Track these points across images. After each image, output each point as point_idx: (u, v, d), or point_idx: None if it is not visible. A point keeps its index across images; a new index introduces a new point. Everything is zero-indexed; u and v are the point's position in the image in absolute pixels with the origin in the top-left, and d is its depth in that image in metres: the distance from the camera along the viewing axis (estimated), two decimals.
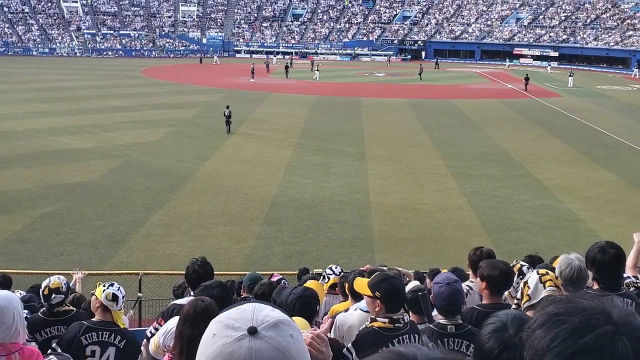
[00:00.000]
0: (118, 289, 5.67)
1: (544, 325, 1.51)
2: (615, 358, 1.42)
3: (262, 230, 19.63)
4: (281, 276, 8.25)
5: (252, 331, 1.54)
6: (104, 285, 5.74)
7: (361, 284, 4.53)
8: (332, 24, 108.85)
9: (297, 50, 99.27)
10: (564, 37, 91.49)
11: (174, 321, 4.72)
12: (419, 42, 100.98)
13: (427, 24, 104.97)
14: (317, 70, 67.82)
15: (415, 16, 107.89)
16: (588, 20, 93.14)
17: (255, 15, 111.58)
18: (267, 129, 36.76)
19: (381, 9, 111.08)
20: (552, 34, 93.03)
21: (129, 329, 9.09)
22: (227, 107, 34.70)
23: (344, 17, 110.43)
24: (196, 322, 3.68)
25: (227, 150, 30.81)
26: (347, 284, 6.35)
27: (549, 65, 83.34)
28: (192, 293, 5.75)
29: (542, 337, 1.49)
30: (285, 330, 1.59)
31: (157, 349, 4.92)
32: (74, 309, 6.42)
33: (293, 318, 1.89)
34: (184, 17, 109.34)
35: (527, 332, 1.56)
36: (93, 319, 5.65)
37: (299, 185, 24.78)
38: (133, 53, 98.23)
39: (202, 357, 1.59)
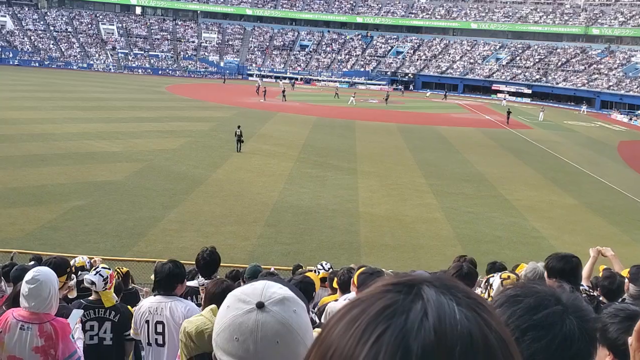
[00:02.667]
0: (96, 274, 5.67)
1: (503, 305, 1.54)
2: (563, 333, 1.47)
3: (263, 230, 19.68)
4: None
5: (260, 305, 1.57)
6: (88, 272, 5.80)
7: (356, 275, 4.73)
8: (333, 55, 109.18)
9: (301, 77, 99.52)
10: (537, 76, 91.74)
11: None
12: (409, 75, 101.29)
13: (417, 59, 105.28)
14: (353, 97, 68.04)
15: (407, 52, 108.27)
16: (559, 63, 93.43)
17: (267, 44, 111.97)
18: (272, 144, 36.86)
19: (377, 44, 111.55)
20: (527, 74, 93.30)
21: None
22: (239, 126, 33.15)
23: (345, 50, 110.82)
24: (219, 299, 3.76)
25: (236, 160, 30.88)
26: (335, 279, 6.41)
27: (504, 99, 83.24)
28: (199, 276, 5.86)
29: (500, 315, 1.51)
30: (290, 306, 1.60)
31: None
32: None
33: None
34: (205, 43, 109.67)
35: None
36: (90, 298, 5.71)
37: (297, 193, 24.85)
38: (159, 72, 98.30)
39: (217, 325, 1.63)
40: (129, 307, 5.97)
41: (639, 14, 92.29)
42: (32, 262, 8.84)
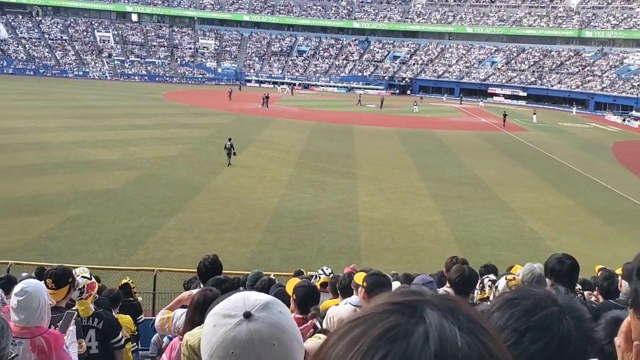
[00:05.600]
0: None
1: (501, 308, 1.56)
2: (561, 334, 1.49)
3: (263, 236, 19.66)
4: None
5: (247, 315, 1.58)
6: None
7: (359, 276, 4.73)
8: (331, 60, 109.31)
9: (300, 82, 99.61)
10: (532, 79, 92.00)
11: (182, 310, 4.81)
12: (407, 79, 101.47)
13: (414, 64, 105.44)
14: (415, 105, 68.80)
15: (404, 56, 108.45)
16: (554, 66, 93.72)
17: (265, 50, 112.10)
18: (271, 149, 36.86)
19: (375, 49, 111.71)
20: (522, 77, 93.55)
21: (144, 317, 9.11)
22: (229, 139, 30.80)
23: (342, 55, 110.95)
24: (205, 310, 3.73)
25: (236, 167, 30.84)
26: (337, 283, 6.41)
27: (482, 100, 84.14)
28: (201, 285, 5.82)
29: (499, 318, 1.54)
30: (275, 308, 1.63)
31: (162, 326, 4.96)
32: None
33: None
34: (202, 49, 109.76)
35: (487, 315, 1.64)
36: (74, 307, 5.62)
37: (297, 198, 24.84)
38: (157, 79, 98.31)
39: (206, 348, 1.61)
40: (127, 316, 5.92)
41: (630, 16, 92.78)
42: (25, 274, 8.74)
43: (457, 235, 20.84)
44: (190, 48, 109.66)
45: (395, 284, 5.93)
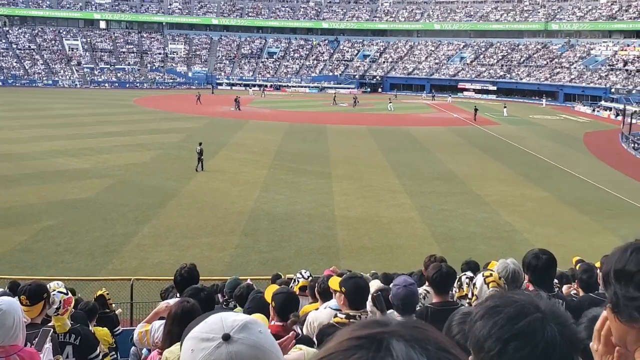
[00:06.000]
0: None
1: (484, 317, 1.53)
2: (545, 340, 1.46)
3: (240, 240, 19.50)
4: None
5: (226, 337, 1.53)
6: None
7: (334, 281, 4.59)
8: (302, 61, 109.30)
9: (271, 83, 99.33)
10: (501, 73, 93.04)
11: (160, 322, 4.68)
12: (377, 77, 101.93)
13: (384, 62, 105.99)
14: (390, 103, 68.57)
15: (374, 55, 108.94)
16: (522, 59, 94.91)
17: (235, 52, 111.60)
18: (245, 152, 36.67)
19: (344, 48, 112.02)
20: (491, 71, 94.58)
21: (121, 327, 8.92)
22: (200, 144, 30.74)
23: (312, 55, 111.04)
24: (182, 321, 3.62)
25: (211, 170, 30.60)
26: (316, 287, 6.31)
27: (450, 96, 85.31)
28: (178, 295, 5.68)
29: (482, 327, 1.52)
30: (254, 328, 1.58)
31: (142, 339, 4.84)
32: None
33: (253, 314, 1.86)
34: (172, 54, 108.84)
35: (469, 325, 1.57)
36: (50, 324, 5.46)
37: (273, 200, 24.72)
38: (127, 85, 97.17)
39: None
40: (105, 329, 5.76)
41: (595, 7, 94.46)
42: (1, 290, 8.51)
43: (434, 231, 20.92)
44: (159, 53, 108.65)
45: (375, 283, 5.84)
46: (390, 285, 5.04)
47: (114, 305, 9.78)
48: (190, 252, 18.03)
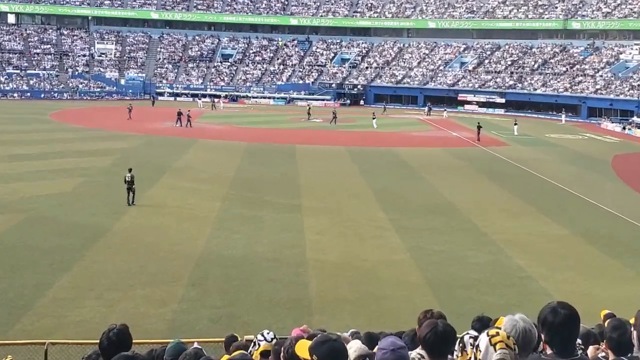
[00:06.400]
0: None
1: None
2: None
3: (186, 292, 19.29)
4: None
5: None
6: None
7: (302, 346, 4.50)
8: (265, 66, 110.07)
9: (226, 93, 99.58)
10: (511, 82, 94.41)
11: None
12: (359, 87, 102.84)
13: (367, 68, 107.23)
14: (374, 118, 68.64)
15: (354, 59, 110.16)
16: (536, 66, 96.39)
17: (181, 54, 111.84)
18: (192, 179, 36.49)
19: (318, 50, 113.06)
20: (498, 80, 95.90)
21: None
22: (130, 170, 30.10)
23: (278, 59, 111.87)
24: None
25: (149, 202, 30.35)
26: (282, 352, 6.24)
27: (445, 110, 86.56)
28: None
29: None
30: None
31: None
32: None
33: None
34: (100, 56, 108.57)
35: None
36: None
37: (228, 240, 24.58)
38: (42, 95, 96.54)
39: None
40: None
41: (625, 2, 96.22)
42: None
43: (429, 278, 20.99)
44: (84, 55, 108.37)
45: (355, 346, 5.82)
46: (375, 350, 5.03)
47: None
48: (122, 307, 17.75)
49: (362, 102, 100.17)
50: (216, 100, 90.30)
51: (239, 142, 53.07)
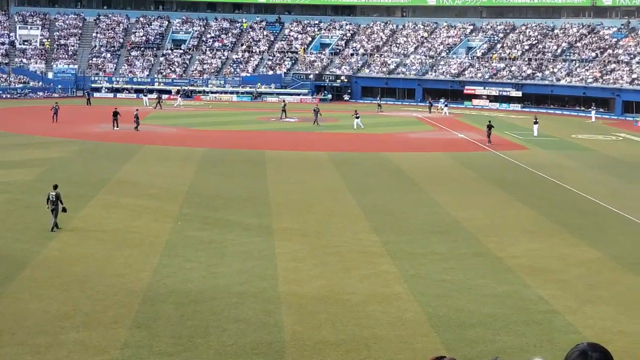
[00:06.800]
0: None
1: None
2: None
3: (129, 335, 19.20)
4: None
5: None
6: None
7: None
8: (226, 54, 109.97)
9: (178, 88, 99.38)
10: (529, 72, 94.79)
11: None
12: (342, 78, 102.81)
13: (353, 54, 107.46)
14: (357, 117, 67.32)
15: (337, 44, 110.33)
16: (559, 51, 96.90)
17: (121, 41, 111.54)
18: (137, 195, 36.34)
19: (292, 33, 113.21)
20: (513, 68, 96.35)
21: None
22: (55, 187, 29.37)
23: (242, 45, 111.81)
24: None
25: (82, 225, 30.18)
26: None
27: (444, 105, 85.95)
28: None
29: None
30: None
31: None
32: None
33: None
34: (23, 44, 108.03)
35: None
36: None
37: (181, 271, 24.49)
38: None
39: None
40: None
41: None
42: None
43: (431, 314, 21.01)
44: (2, 43, 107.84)
45: None
46: None
47: None
48: (51, 355, 17.66)
49: (346, 97, 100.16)
50: (170, 96, 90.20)
51: (194, 148, 52.92)
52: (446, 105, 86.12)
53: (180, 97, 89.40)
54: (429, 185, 40.48)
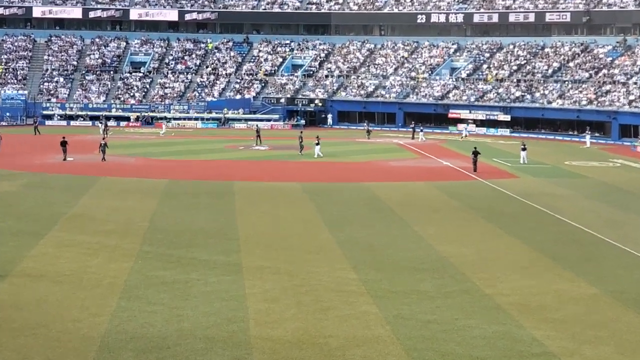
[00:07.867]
0: None
1: None
2: None
3: None
4: None
5: None
6: None
7: None
8: (189, 77, 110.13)
9: (138, 114, 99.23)
10: (518, 94, 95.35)
11: None
12: (317, 102, 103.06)
13: (328, 76, 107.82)
14: (317, 144, 67.34)
15: (310, 65, 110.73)
16: (550, 71, 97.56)
17: (75, 64, 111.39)
18: (93, 231, 36.17)
19: (261, 54, 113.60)
20: (500, 90, 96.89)
21: None
22: None
23: (207, 67, 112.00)
24: None
25: (32, 265, 29.94)
26: None
27: (421, 130, 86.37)
28: None
29: None
30: None
31: None
32: None
33: None
34: None
35: None
36: None
37: (142, 314, 24.33)
38: None
39: None
40: None
41: None
42: None
43: (416, 359, 21.00)
44: None
45: None
46: None
47: None
48: None
49: (330, 121, 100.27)
50: (129, 123, 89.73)
51: (155, 179, 52.81)
52: (421, 130, 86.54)
53: (105, 124, 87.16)
54: (412, 217, 40.57)
